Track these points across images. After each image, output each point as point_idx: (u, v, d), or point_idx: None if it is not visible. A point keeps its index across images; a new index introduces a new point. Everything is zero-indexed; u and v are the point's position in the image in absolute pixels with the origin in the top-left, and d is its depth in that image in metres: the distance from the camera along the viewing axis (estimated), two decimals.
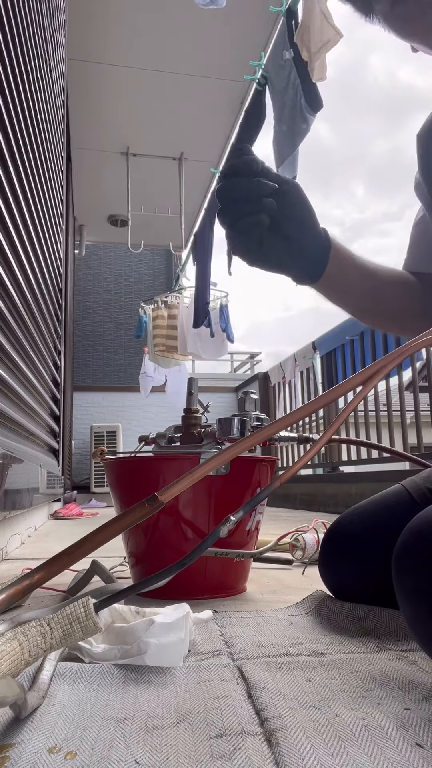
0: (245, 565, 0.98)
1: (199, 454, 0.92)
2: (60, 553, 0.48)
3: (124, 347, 8.92)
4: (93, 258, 9.08)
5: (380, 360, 0.50)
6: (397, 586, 0.50)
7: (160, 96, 3.86)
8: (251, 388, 6.05)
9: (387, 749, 0.39)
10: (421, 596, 0.47)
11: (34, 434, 1.72)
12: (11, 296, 1.23)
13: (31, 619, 0.56)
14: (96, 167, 4.61)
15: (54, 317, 2.30)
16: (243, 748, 0.40)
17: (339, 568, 0.80)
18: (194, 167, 4.60)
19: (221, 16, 2.95)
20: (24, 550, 1.73)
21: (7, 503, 1.24)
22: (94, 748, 0.40)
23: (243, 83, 3.62)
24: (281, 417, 0.52)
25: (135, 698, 0.49)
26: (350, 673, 0.55)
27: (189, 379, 1.05)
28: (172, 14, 3.17)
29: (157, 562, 0.92)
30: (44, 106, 1.76)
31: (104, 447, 1.06)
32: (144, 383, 5.25)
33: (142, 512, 0.48)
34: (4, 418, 1.23)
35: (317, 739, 0.41)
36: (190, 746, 0.41)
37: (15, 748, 0.40)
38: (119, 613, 0.64)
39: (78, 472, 6.58)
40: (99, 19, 3.24)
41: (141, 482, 0.95)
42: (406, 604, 0.49)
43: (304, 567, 1.19)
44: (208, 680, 0.53)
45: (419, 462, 0.94)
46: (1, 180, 1.09)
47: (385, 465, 3.21)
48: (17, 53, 1.22)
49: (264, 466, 0.97)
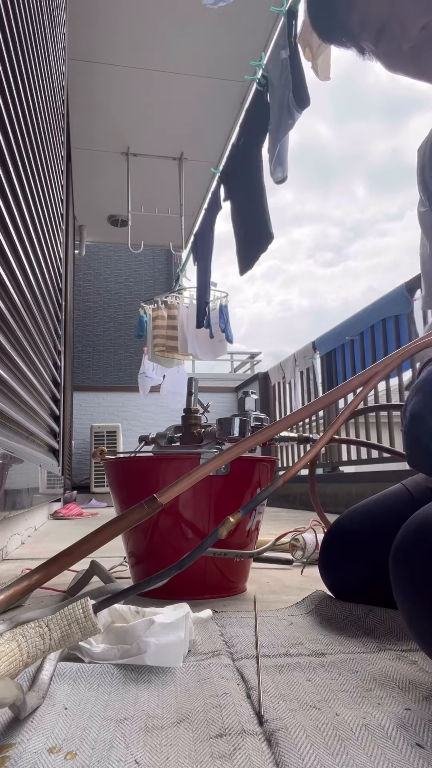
0: (245, 565, 0.98)
1: (199, 454, 0.92)
2: (59, 554, 0.48)
3: (125, 347, 8.92)
4: (93, 258, 9.08)
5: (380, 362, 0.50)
6: (395, 582, 0.50)
7: (160, 96, 3.86)
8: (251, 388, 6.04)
9: (387, 749, 0.39)
10: (419, 592, 0.47)
11: (34, 434, 1.72)
12: (11, 296, 1.23)
13: (30, 620, 0.56)
14: (96, 167, 4.61)
15: (54, 317, 2.30)
16: (243, 748, 0.40)
17: (339, 568, 0.80)
18: (194, 167, 4.61)
19: (221, 16, 2.95)
20: (24, 550, 1.73)
21: (7, 503, 1.24)
22: (94, 748, 0.40)
23: (243, 83, 3.62)
24: (282, 418, 0.52)
25: (135, 698, 0.49)
26: (350, 673, 0.54)
27: (189, 379, 1.05)
28: (172, 14, 3.17)
29: (157, 563, 0.92)
30: (44, 106, 1.76)
31: (104, 447, 1.06)
32: (143, 383, 5.25)
33: (140, 514, 0.48)
34: (4, 418, 1.23)
35: (317, 738, 0.41)
36: (190, 746, 0.41)
37: (15, 748, 0.40)
38: (119, 613, 0.64)
39: (78, 472, 6.58)
40: (99, 19, 3.24)
41: (141, 482, 0.95)
42: (404, 601, 0.49)
43: (303, 567, 1.19)
44: (208, 680, 0.53)
45: None
46: (1, 180, 1.09)
47: (385, 465, 3.21)
48: (17, 53, 1.22)
49: (264, 466, 0.97)
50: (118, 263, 9.38)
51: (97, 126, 4.14)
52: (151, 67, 3.61)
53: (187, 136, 4.32)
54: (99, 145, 4.35)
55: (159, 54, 3.52)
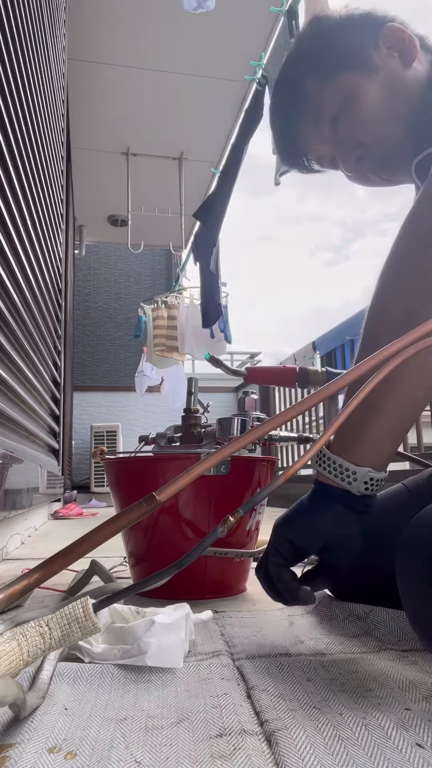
0: (245, 565, 0.98)
1: (199, 454, 0.92)
2: (58, 553, 0.48)
3: (124, 347, 8.91)
4: (93, 258, 9.08)
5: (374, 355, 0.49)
6: (401, 579, 0.50)
7: (160, 96, 3.86)
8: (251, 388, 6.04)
9: (387, 749, 0.39)
10: (426, 589, 0.46)
11: (34, 434, 1.72)
12: (11, 296, 1.23)
13: (30, 620, 0.56)
14: (96, 167, 4.61)
15: (54, 317, 2.30)
16: (243, 748, 0.40)
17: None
18: (194, 167, 4.60)
19: (221, 16, 2.95)
20: (24, 550, 1.72)
21: (7, 503, 1.24)
22: (95, 748, 0.40)
23: (243, 83, 3.62)
24: (276, 414, 0.52)
25: (135, 698, 0.49)
26: (350, 673, 0.54)
27: (189, 379, 1.05)
28: (172, 14, 3.17)
29: (157, 562, 0.92)
30: (44, 106, 1.76)
31: (104, 447, 1.06)
32: (140, 382, 5.24)
33: (140, 512, 0.48)
34: (4, 418, 1.23)
35: (317, 738, 0.41)
36: (190, 746, 0.40)
37: (15, 748, 0.40)
38: (119, 613, 0.64)
39: (78, 472, 6.58)
40: (99, 19, 3.24)
41: (141, 482, 0.95)
42: (409, 598, 0.49)
43: (304, 567, 1.19)
44: (208, 680, 0.53)
45: (419, 462, 0.94)
46: (1, 180, 1.09)
47: None
48: (17, 53, 1.22)
49: (264, 466, 0.96)
50: (117, 263, 9.38)
51: (97, 126, 4.14)
52: (152, 67, 3.61)
53: (187, 136, 4.32)
54: (99, 145, 4.35)
55: (159, 54, 3.51)
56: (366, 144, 0.75)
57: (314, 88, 0.76)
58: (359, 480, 0.58)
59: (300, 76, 0.78)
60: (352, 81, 0.73)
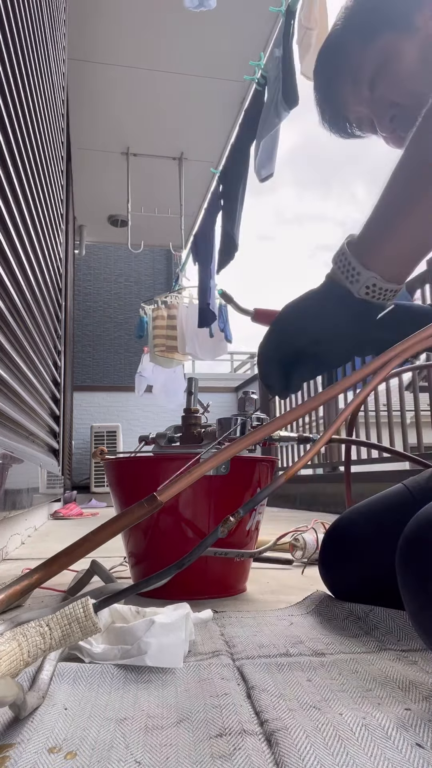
0: (245, 565, 0.98)
1: (199, 454, 0.92)
2: (59, 553, 0.48)
3: (124, 347, 8.92)
4: (93, 258, 9.08)
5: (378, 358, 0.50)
6: (402, 577, 0.50)
7: (160, 96, 3.86)
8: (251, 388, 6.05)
9: (387, 749, 0.39)
10: (427, 587, 0.46)
11: (34, 434, 1.72)
12: (11, 296, 1.23)
13: (31, 620, 0.56)
14: (96, 167, 4.61)
15: (54, 317, 2.30)
16: (243, 748, 0.40)
17: (339, 568, 0.80)
18: (194, 167, 4.60)
19: (221, 16, 2.95)
20: (24, 550, 1.72)
21: (7, 503, 1.24)
22: (95, 748, 0.40)
23: (243, 83, 3.62)
24: (278, 416, 0.52)
25: (135, 698, 0.49)
26: (350, 673, 0.54)
27: (189, 379, 1.05)
28: (173, 14, 3.17)
29: (157, 562, 0.92)
30: (44, 106, 1.76)
31: (104, 447, 1.06)
32: (139, 382, 5.24)
33: (140, 512, 0.48)
34: (4, 418, 1.23)
35: (317, 738, 0.41)
36: (190, 746, 0.40)
37: (15, 748, 0.40)
38: (119, 613, 0.64)
39: (78, 472, 6.58)
40: (99, 19, 3.24)
41: (141, 482, 0.95)
42: (411, 596, 0.49)
43: (304, 567, 1.19)
44: (208, 680, 0.53)
45: (419, 462, 0.94)
46: (1, 180, 1.09)
47: (385, 465, 3.20)
48: (17, 53, 1.22)
49: (264, 466, 0.96)
50: (118, 263, 9.38)
51: (97, 126, 4.14)
52: (151, 67, 3.61)
53: (187, 136, 4.32)
54: (99, 145, 4.35)
55: (159, 54, 3.52)
56: (400, 103, 0.75)
57: (356, 49, 0.76)
58: (361, 282, 0.57)
59: (343, 39, 0.78)
60: (391, 41, 0.73)
